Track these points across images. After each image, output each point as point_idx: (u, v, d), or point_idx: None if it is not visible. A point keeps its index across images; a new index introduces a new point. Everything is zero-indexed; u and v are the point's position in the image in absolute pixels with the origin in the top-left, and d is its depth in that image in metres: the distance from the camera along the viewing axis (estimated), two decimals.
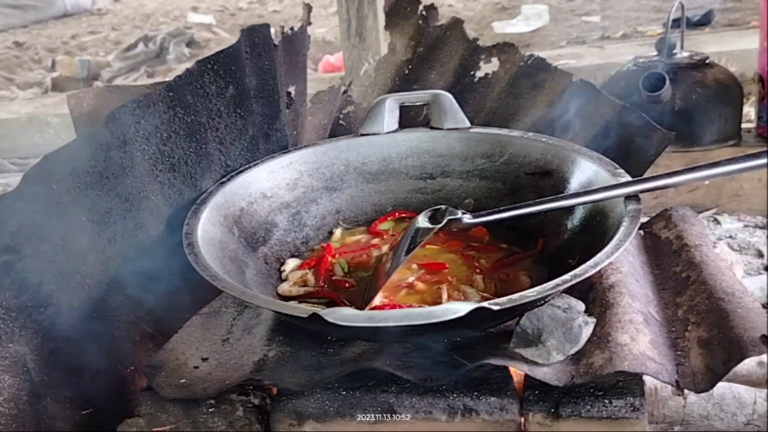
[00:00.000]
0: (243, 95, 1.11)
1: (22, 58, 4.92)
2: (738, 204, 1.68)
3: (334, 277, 1.05)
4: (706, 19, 3.15)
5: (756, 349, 0.77)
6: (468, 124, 1.21)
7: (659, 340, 0.85)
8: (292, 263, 1.09)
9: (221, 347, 0.93)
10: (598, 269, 0.81)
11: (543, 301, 0.83)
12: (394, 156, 1.22)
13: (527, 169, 1.14)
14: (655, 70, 1.60)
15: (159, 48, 4.48)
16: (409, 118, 1.32)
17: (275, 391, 0.86)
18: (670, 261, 1.04)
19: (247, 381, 0.84)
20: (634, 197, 0.93)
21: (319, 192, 1.19)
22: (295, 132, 1.32)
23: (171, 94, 1.00)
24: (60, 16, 6.24)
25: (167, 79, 1.08)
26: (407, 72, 1.50)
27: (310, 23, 1.30)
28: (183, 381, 0.86)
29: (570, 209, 1.03)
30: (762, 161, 0.86)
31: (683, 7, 1.65)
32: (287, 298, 1.01)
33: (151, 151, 0.99)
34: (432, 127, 1.22)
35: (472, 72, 1.43)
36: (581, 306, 0.85)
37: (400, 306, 0.94)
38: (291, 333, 0.92)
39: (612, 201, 0.95)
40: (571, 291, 0.88)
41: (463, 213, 1.00)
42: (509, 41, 1.42)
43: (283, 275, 1.07)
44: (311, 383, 0.82)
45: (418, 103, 1.26)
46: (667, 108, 1.59)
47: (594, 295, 0.92)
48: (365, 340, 0.88)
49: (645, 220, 1.19)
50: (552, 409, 0.79)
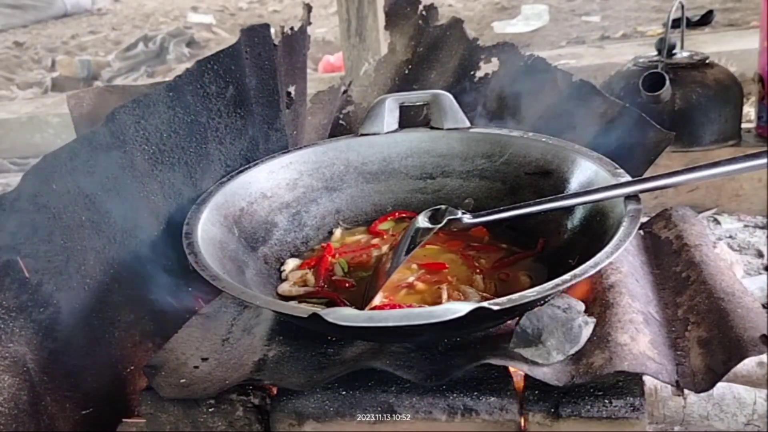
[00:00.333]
0: (243, 95, 1.11)
1: (22, 58, 4.92)
2: (738, 204, 1.68)
3: (334, 277, 1.05)
4: (705, 19, 3.15)
5: (756, 349, 0.77)
6: (468, 124, 1.21)
7: (659, 340, 0.85)
8: (292, 263, 1.09)
9: (221, 347, 0.93)
10: (598, 269, 0.81)
11: (543, 301, 0.83)
12: (394, 156, 1.22)
13: (527, 169, 1.14)
14: (655, 70, 1.60)
15: (159, 48, 4.48)
16: (409, 118, 1.31)
17: (275, 391, 0.86)
18: (670, 261, 1.04)
19: (247, 381, 0.84)
20: (634, 197, 0.93)
21: (319, 192, 1.19)
22: (295, 132, 1.32)
23: (171, 94, 1.00)
24: (60, 16, 6.23)
25: (167, 79, 1.08)
26: (407, 72, 1.50)
27: (310, 23, 1.30)
28: (183, 381, 0.86)
29: (570, 209, 1.03)
30: (762, 161, 0.86)
31: (683, 7, 1.65)
32: (287, 298, 1.01)
33: (151, 151, 0.99)
34: (432, 127, 1.22)
35: (472, 72, 1.43)
36: (581, 306, 0.85)
37: (400, 306, 0.94)
38: (291, 333, 0.92)
39: (612, 201, 0.95)
40: (571, 291, 0.88)
41: (463, 213, 1.00)
42: (509, 41, 1.42)
43: (283, 275, 1.07)
44: (311, 383, 0.82)
45: (418, 103, 1.26)
46: (667, 108, 1.59)
47: (594, 295, 0.92)
48: (365, 340, 0.88)
49: (645, 220, 1.19)
50: (552, 409, 0.79)
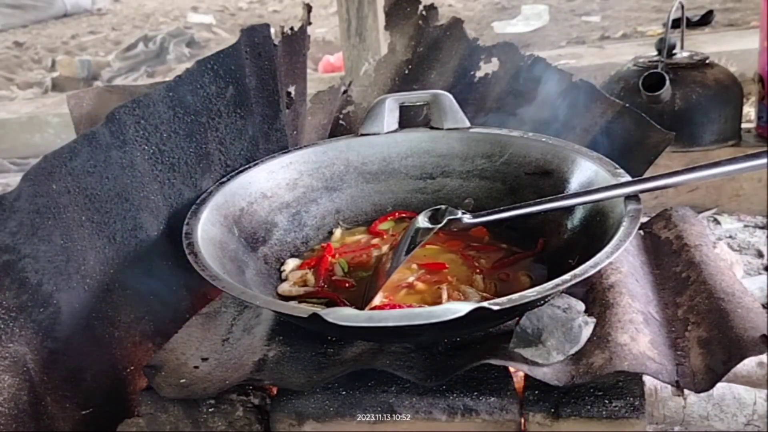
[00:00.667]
0: (243, 95, 1.11)
1: (22, 58, 4.92)
2: (738, 204, 1.68)
3: (334, 277, 1.05)
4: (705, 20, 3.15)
5: (756, 349, 0.77)
6: (468, 124, 1.21)
7: (659, 340, 0.85)
8: (292, 263, 1.09)
9: (221, 347, 0.93)
10: (598, 269, 0.82)
11: (543, 301, 0.83)
12: (394, 156, 1.22)
13: (527, 169, 1.14)
14: (655, 70, 1.60)
15: (159, 48, 4.48)
16: (409, 118, 1.31)
17: (275, 391, 0.86)
18: (670, 261, 1.04)
19: (247, 381, 0.84)
20: (634, 197, 0.93)
21: (319, 192, 1.19)
22: (295, 132, 1.32)
23: (171, 94, 1.00)
24: (60, 16, 6.23)
25: (167, 79, 1.08)
26: (407, 72, 1.50)
27: (310, 23, 1.30)
28: (183, 381, 0.86)
29: (570, 209, 1.03)
30: (762, 161, 0.86)
31: (683, 7, 1.65)
32: (287, 298, 1.01)
33: (151, 151, 0.99)
34: (432, 127, 1.22)
35: (472, 72, 1.43)
36: (581, 306, 0.85)
37: (400, 306, 0.94)
38: (291, 333, 0.92)
39: (612, 201, 0.95)
40: (571, 291, 0.88)
41: (463, 213, 1.00)
42: (509, 41, 1.42)
43: (283, 275, 1.07)
44: (311, 383, 0.82)
45: (418, 103, 1.26)
46: (667, 108, 1.59)
47: (594, 295, 0.92)
48: (365, 340, 0.88)
49: (645, 220, 1.19)
50: (552, 409, 0.79)
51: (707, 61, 1.67)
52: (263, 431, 0.85)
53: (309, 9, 1.30)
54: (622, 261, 0.98)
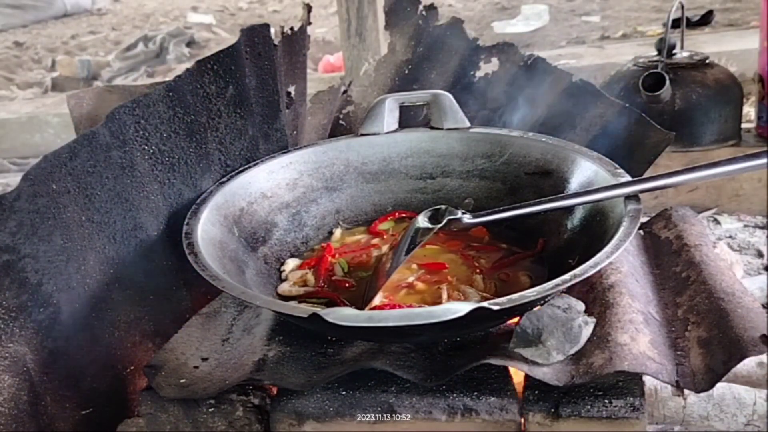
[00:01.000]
0: (243, 95, 1.11)
1: (22, 58, 4.92)
2: (738, 204, 1.68)
3: (334, 277, 1.05)
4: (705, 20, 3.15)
5: (756, 349, 0.77)
6: (468, 124, 1.21)
7: (659, 340, 0.85)
8: (292, 263, 1.09)
9: (221, 347, 0.93)
10: (598, 269, 0.82)
11: (543, 301, 0.83)
12: (394, 156, 1.22)
13: (527, 169, 1.14)
14: (655, 70, 1.60)
15: (159, 48, 4.48)
16: (409, 118, 1.32)
17: (275, 391, 0.86)
18: (670, 261, 1.04)
19: (247, 381, 0.84)
20: (634, 197, 0.93)
21: (319, 192, 1.19)
22: (295, 132, 1.32)
23: (171, 94, 1.00)
24: (60, 16, 6.23)
25: (167, 79, 1.08)
26: (407, 72, 1.50)
27: (310, 23, 1.30)
28: (183, 381, 0.86)
29: (570, 209, 1.03)
30: (762, 161, 0.86)
31: (683, 7, 1.65)
32: (287, 298, 1.01)
33: (151, 151, 0.99)
34: (432, 127, 1.22)
35: (472, 72, 1.43)
36: (581, 306, 0.85)
37: (400, 306, 0.94)
38: (291, 333, 0.92)
39: (612, 201, 0.95)
40: (571, 291, 0.88)
41: (463, 213, 1.00)
42: (509, 41, 1.42)
43: (283, 275, 1.07)
44: (311, 383, 0.82)
45: (418, 103, 1.26)
46: (667, 108, 1.59)
47: (594, 295, 0.92)
48: (365, 340, 0.88)
49: (645, 220, 1.19)
50: (552, 409, 0.79)
51: (707, 61, 1.67)
52: (263, 431, 0.85)
53: (309, 9, 1.30)
54: (622, 261, 0.98)
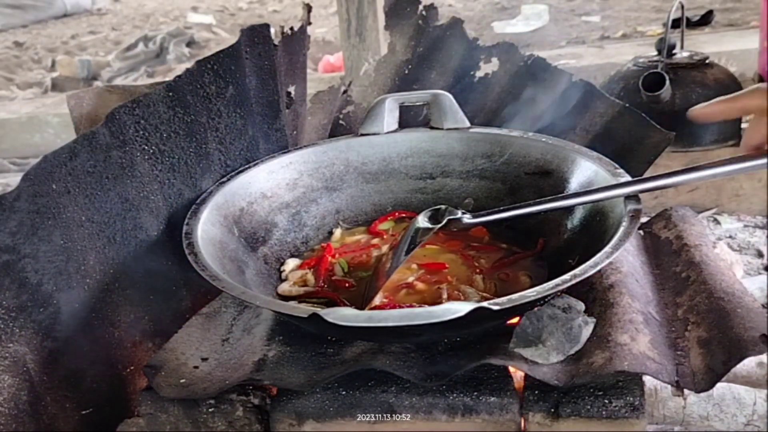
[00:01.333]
0: (243, 95, 1.11)
1: (22, 58, 4.92)
2: (738, 204, 1.68)
3: (334, 277, 1.05)
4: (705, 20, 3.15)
5: (756, 349, 0.77)
6: (468, 124, 1.21)
7: (659, 339, 0.85)
8: (291, 263, 1.09)
9: (221, 347, 0.93)
10: (598, 269, 0.81)
11: (543, 301, 0.83)
12: (394, 156, 1.22)
13: (527, 169, 1.14)
14: (655, 70, 1.60)
15: (159, 48, 4.48)
16: (409, 118, 1.32)
17: (275, 391, 0.86)
18: (669, 261, 1.04)
19: (247, 381, 0.84)
20: (634, 197, 0.93)
21: (319, 192, 1.19)
22: (295, 132, 1.32)
23: (171, 94, 1.00)
24: (60, 16, 6.23)
25: (167, 79, 1.08)
26: (407, 72, 1.50)
27: (310, 23, 1.30)
28: (183, 381, 0.86)
29: (570, 209, 1.03)
30: (762, 161, 0.86)
31: (683, 7, 1.65)
32: (287, 298, 1.01)
33: (151, 151, 0.99)
34: (432, 127, 1.22)
35: (472, 72, 1.43)
36: (581, 306, 0.85)
37: (400, 306, 0.94)
38: (291, 333, 0.92)
39: (612, 201, 0.95)
40: (571, 291, 0.88)
41: (463, 213, 1.00)
42: (509, 41, 1.42)
43: (283, 275, 1.07)
44: (311, 383, 0.82)
45: (418, 103, 1.26)
46: (667, 108, 1.59)
47: (594, 295, 0.92)
48: (365, 340, 0.88)
49: (645, 220, 1.19)
50: (552, 409, 0.79)
51: (707, 61, 1.67)
52: (263, 431, 0.85)
53: (309, 9, 1.30)
54: (622, 261, 0.98)
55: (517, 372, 0.83)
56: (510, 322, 0.87)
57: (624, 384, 0.80)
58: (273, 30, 1.16)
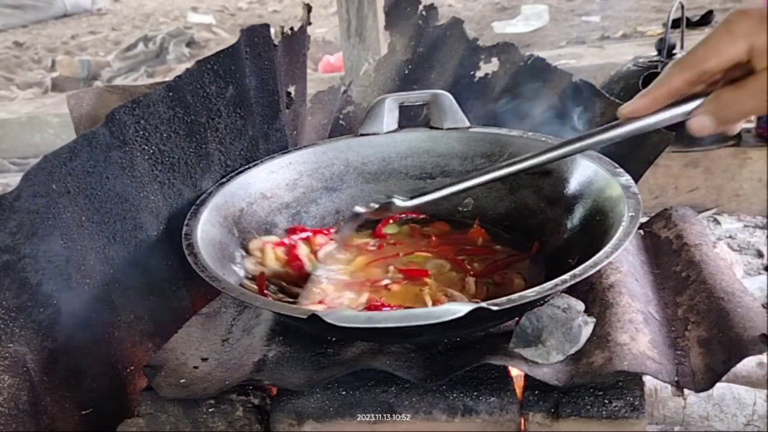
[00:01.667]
0: (243, 95, 1.11)
1: (22, 58, 4.92)
2: (738, 204, 1.68)
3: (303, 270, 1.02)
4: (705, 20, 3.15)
5: (756, 349, 0.77)
6: (468, 123, 1.21)
7: (659, 339, 0.85)
8: (257, 242, 1.05)
9: (221, 347, 0.93)
10: (597, 269, 0.81)
11: (542, 301, 0.83)
12: (393, 156, 1.22)
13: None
14: (655, 70, 1.60)
15: (159, 48, 4.48)
16: (409, 118, 1.31)
17: (275, 391, 0.86)
18: (669, 260, 1.04)
19: (247, 381, 0.84)
20: (633, 197, 0.93)
21: (319, 192, 1.19)
22: (295, 132, 1.32)
23: (171, 94, 1.00)
24: (60, 16, 6.23)
25: (167, 79, 1.08)
26: (407, 72, 1.50)
27: (310, 23, 1.30)
28: (183, 381, 0.87)
29: (570, 209, 1.03)
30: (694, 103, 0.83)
31: (683, 7, 1.65)
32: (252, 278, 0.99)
33: (151, 151, 0.99)
34: (432, 127, 1.22)
35: (472, 72, 1.43)
36: (581, 306, 0.85)
37: (399, 306, 0.94)
38: (291, 333, 0.92)
39: (612, 201, 0.95)
40: (571, 291, 0.88)
41: (400, 199, 0.96)
42: (509, 41, 1.42)
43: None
44: (311, 383, 0.82)
45: (417, 103, 1.26)
46: None
47: (594, 295, 0.92)
48: (365, 340, 0.88)
49: (645, 219, 1.19)
50: (552, 409, 0.79)
51: None
52: (263, 431, 0.85)
53: (309, 9, 1.30)
54: (621, 261, 0.98)
55: (517, 372, 0.83)
56: (510, 322, 0.87)
57: (624, 384, 0.80)
58: (273, 30, 1.16)
